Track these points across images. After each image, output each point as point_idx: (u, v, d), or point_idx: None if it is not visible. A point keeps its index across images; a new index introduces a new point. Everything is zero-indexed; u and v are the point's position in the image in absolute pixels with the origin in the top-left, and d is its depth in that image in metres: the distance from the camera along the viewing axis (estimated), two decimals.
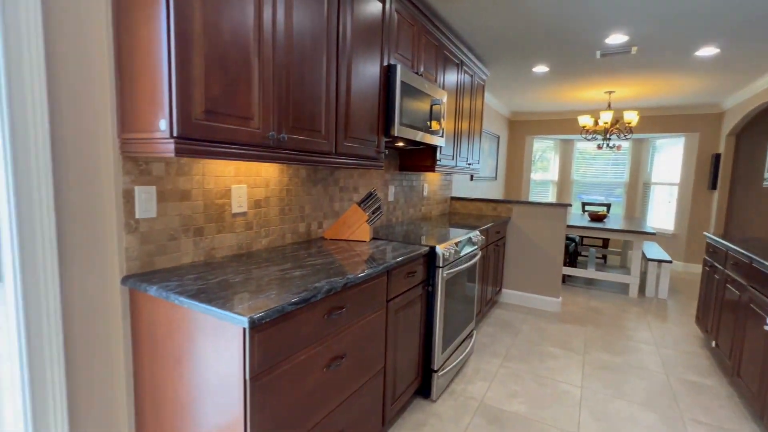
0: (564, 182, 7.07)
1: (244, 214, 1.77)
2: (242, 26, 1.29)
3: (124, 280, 1.32)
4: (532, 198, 7.09)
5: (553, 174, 7.14)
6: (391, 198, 3.03)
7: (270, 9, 1.38)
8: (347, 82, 1.84)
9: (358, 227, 2.17)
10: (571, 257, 4.91)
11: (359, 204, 2.18)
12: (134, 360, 1.38)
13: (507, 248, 3.96)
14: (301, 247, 1.94)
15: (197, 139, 1.18)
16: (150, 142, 1.20)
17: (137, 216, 1.34)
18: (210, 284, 1.27)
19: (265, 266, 1.53)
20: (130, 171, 1.32)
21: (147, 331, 1.31)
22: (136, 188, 1.34)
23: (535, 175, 7.14)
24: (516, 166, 6.97)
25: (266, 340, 1.08)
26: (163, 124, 1.14)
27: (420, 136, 2.43)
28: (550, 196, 7.18)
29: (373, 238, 2.25)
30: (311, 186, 2.17)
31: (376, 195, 2.23)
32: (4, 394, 1.20)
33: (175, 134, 1.12)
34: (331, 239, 2.20)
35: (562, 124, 6.51)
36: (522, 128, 6.87)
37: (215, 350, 1.11)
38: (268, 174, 1.88)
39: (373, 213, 2.20)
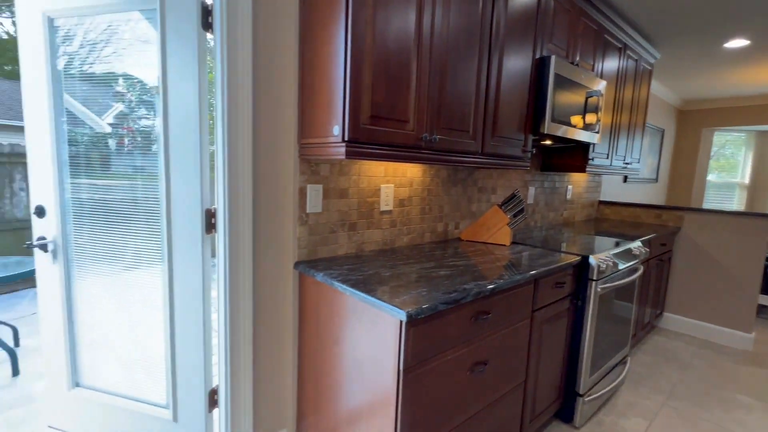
0: (761, 186, 5.56)
1: (389, 212, 1.87)
2: (404, 34, 1.35)
3: (296, 265, 1.53)
4: (707, 204, 5.77)
5: (743, 175, 5.68)
6: (530, 200, 2.83)
7: (430, 12, 1.42)
8: (497, 79, 1.78)
9: (498, 230, 2.08)
10: None
11: (500, 205, 2.09)
12: (299, 332, 1.59)
13: (674, 264, 3.31)
14: (439, 247, 1.95)
15: (363, 142, 1.29)
16: (324, 146, 1.36)
17: (308, 210, 1.54)
18: (365, 276, 1.37)
19: (410, 263, 1.59)
20: (304, 171, 1.52)
21: (312, 310, 1.50)
22: (308, 186, 1.53)
23: (712, 177, 5.79)
24: (686, 165, 5.76)
25: (419, 335, 1.12)
26: (336, 130, 1.28)
27: (571, 133, 2.20)
28: (736, 203, 5.74)
29: (512, 243, 2.14)
30: (451, 186, 2.17)
31: (519, 197, 2.10)
32: (215, 340, 1.52)
33: (346, 138, 1.25)
34: (467, 240, 2.16)
35: (760, 111, 5.12)
36: (697, 119, 5.64)
37: (371, 338, 1.20)
38: (412, 174, 1.95)
39: (515, 216, 2.08)
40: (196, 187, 1.42)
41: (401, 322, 1.09)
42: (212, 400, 1.54)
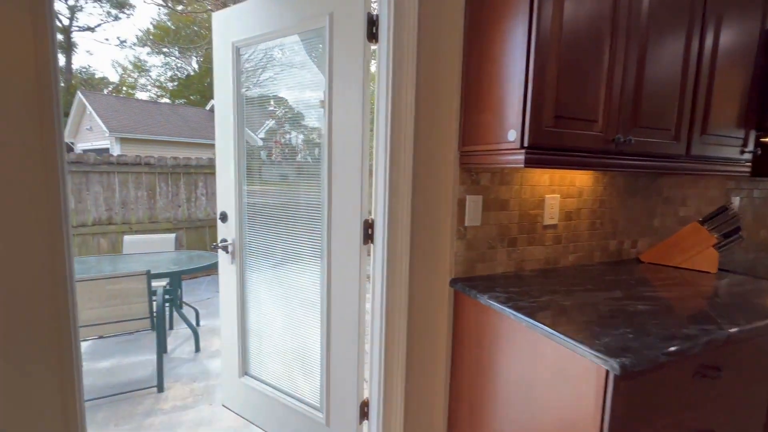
0: None
1: (554, 226, 1.62)
2: (598, 15, 1.12)
3: (452, 282, 1.41)
4: None
5: None
6: None
7: None
8: (711, 61, 1.38)
9: (699, 252, 1.63)
10: None
11: (702, 222, 1.64)
12: (453, 354, 1.47)
13: None
14: (613, 270, 1.62)
15: (544, 148, 1.10)
16: (493, 154, 1.21)
17: (466, 224, 1.41)
18: (540, 303, 1.17)
19: (588, 290, 1.32)
20: (464, 181, 1.39)
21: (470, 333, 1.36)
22: (468, 197, 1.40)
23: None
24: None
25: (631, 393, 0.88)
26: (511, 135, 1.11)
27: None
28: None
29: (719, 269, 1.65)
30: (627, 197, 1.79)
31: (733, 211, 1.62)
32: (369, 342, 1.50)
33: (525, 144, 1.07)
34: (650, 263, 1.75)
35: None
36: None
37: (556, 382, 1.00)
38: (582, 183, 1.66)
39: (727, 236, 1.60)
40: (356, 197, 1.42)
41: (607, 372, 0.86)
42: (363, 411, 1.52)
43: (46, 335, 1.00)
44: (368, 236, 1.43)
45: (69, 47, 15.01)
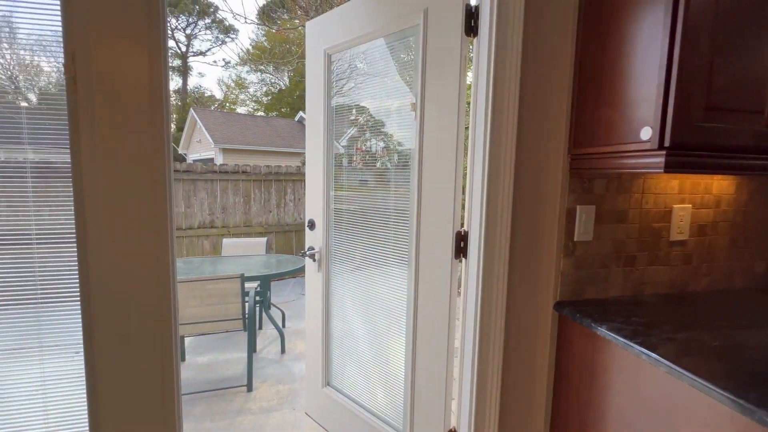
0: None
1: (683, 243, 1.34)
2: None
3: (557, 305, 1.23)
4: None
5: None
6: None
7: None
8: None
9: None
10: None
11: None
12: (555, 388, 1.28)
13: None
14: (764, 299, 1.29)
15: (690, 148, 0.89)
16: (614, 157, 1.02)
17: (575, 238, 1.23)
18: (677, 340, 0.95)
19: (738, 325, 1.05)
20: (574, 189, 1.21)
21: (579, 367, 1.17)
22: (578, 207, 1.22)
23: None
24: None
25: None
26: (644, 133, 0.92)
27: None
28: None
29: None
30: None
31: None
32: (458, 365, 1.38)
33: (666, 144, 0.88)
34: None
35: None
36: None
37: None
38: (720, 190, 1.36)
39: None
40: (448, 206, 1.32)
41: None
42: None
43: (152, 331, 1.06)
44: (460, 249, 1.31)
45: (185, 71, 17.32)
